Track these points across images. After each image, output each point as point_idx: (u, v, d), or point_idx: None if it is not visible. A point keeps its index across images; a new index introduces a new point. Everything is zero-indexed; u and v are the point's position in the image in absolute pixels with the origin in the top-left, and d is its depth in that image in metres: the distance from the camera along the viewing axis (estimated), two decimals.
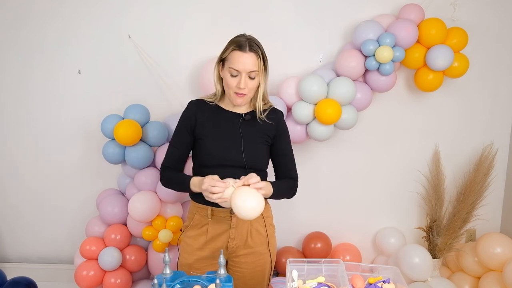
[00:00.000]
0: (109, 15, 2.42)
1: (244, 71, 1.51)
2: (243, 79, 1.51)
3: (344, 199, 2.64)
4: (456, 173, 2.57)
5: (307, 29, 2.42)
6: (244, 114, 1.63)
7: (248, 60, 1.50)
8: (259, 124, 1.63)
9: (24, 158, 2.63)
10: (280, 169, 1.69)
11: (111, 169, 2.52)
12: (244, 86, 1.52)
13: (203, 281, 1.30)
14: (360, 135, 2.53)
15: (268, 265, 1.69)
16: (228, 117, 1.63)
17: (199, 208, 1.64)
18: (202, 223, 1.64)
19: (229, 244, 1.63)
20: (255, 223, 1.64)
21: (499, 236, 2.40)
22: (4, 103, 2.57)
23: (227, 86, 1.57)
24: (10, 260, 2.77)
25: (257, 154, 1.61)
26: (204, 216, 1.63)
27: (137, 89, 2.48)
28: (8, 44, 2.49)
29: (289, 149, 1.70)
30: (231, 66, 1.52)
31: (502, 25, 2.43)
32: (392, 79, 2.26)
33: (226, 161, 1.58)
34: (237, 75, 1.52)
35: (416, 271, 2.31)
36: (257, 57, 1.52)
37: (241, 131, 1.60)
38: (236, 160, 1.57)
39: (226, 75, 1.55)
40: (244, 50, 1.50)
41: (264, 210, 1.64)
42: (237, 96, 1.55)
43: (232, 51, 1.52)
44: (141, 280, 2.45)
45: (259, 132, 1.62)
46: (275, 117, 1.65)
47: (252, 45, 1.51)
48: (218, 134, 1.60)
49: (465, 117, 2.55)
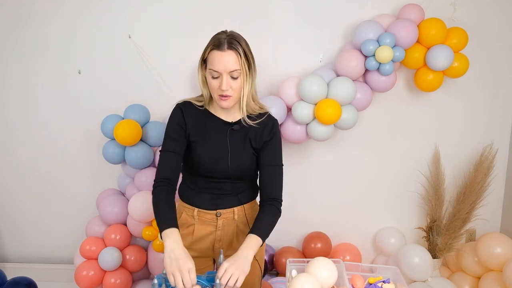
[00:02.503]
0: (109, 15, 2.42)
1: (224, 71, 1.40)
2: (225, 80, 1.40)
3: (344, 199, 2.64)
4: (456, 173, 2.57)
5: (307, 29, 2.42)
6: (233, 122, 1.54)
7: (228, 59, 1.39)
8: (248, 131, 1.53)
9: (24, 158, 2.63)
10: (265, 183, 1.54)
11: (111, 169, 2.52)
12: (226, 88, 1.41)
13: (203, 281, 1.30)
14: (360, 135, 2.53)
15: (256, 267, 1.61)
16: (217, 125, 1.53)
17: (186, 208, 1.62)
18: (189, 223, 1.61)
19: (215, 245, 1.62)
20: (241, 225, 1.62)
21: (499, 236, 2.40)
22: (4, 103, 2.57)
23: (211, 89, 1.46)
24: (10, 260, 2.77)
25: (245, 166, 1.54)
26: (191, 216, 1.60)
27: (137, 89, 2.48)
28: (8, 44, 2.49)
29: (277, 162, 1.55)
30: (210, 68, 1.42)
31: (502, 25, 2.43)
32: (392, 79, 2.26)
33: (213, 173, 1.53)
34: (218, 76, 1.42)
35: (416, 271, 2.31)
36: (236, 54, 1.40)
37: (228, 143, 1.52)
38: (223, 172, 1.53)
39: (208, 77, 1.45)
40: (222, 49, 1.39)
41: (249, 213, 1.63)
42: (221, 99, 1.44)
43: (211, 51, 1.42)
44: (141, 280, 2.45)
45: (247, 140, 1.53)
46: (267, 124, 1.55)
47: (231, 42, 1.40)
48: (207, 144, 1.52)
49: (465, 117, 2.54)
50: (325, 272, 1.36)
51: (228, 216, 1.59)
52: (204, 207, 1.58)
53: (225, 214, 1.59)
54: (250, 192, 1.64)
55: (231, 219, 1.60)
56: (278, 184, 1.56)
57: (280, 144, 1.58)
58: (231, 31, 1.47)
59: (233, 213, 1.60)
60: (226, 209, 1.59)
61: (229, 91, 1.43)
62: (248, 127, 1.54)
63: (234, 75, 1.42)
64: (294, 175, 2.55)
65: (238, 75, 1.42)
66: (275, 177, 1.55)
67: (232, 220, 1.61)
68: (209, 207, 1.58)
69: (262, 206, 1.53)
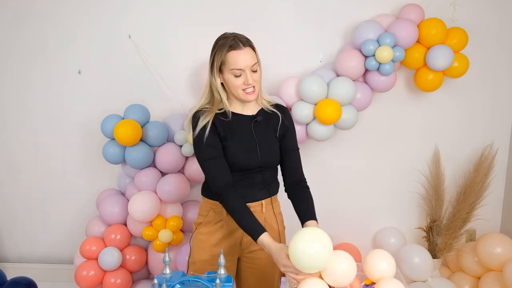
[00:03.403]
0: (109, 15, 2.43)
1: (247, 67, 1.49)
2: (249, 75, 1.50)
3: (344, 199, 2.64)
4: (456, 173, 2.57)
5: (307, 29, 2.42)
6: (255, 115, 1.62)
7: (247, 56, 1.49)
8: (269, 121, 1.63)
9: (24, 158, 2.63)
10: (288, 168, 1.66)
11: (111, 169, 2.52)
12: (251, 82, 1.51)
13: (203, 281, 1.30)
14: (360, 135, 2.53)
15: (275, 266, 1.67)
16: (241, 121, 1.60)
17: (214, 205, 1.64)
18: (217, 219, 1.64)
19: (244, 239, 1.64)
20: (268, 219, 1.66)
21: (499, 236, 2.40)
22: (4, 103, 2.57)
23: (234, 87, 1.53)
24: (10, 260, 2.77)
25: (273, 154, 1.62)
26: (219, 213, 1.63)
27: (137, 89, 2.48)
28: (8, 44, 2.49)
29: (296, 146, 1.69)
30: (233, 68, 1.50)
31: (502, 25, 2.43)
32: (392, 79, 2.26)
33: (248, 166, 1.58)
34: (240, 74, 1.50)
35: (416, 271, 2.31)
36: (251, 49, 1.52)
37: (255, 135, 1.59)
38: (255, 164, 1.58)
39: (229, 78, 1.53)
40: (239, 48, 1.49)
41: (275, 207, 1.70)
42: (247, 93, 1.54)
43: (228, 53, 1.49)
44: (141, 280, 2.45)
45: (270, 128, 1.63)
46: (283, 111, 1.66)
47: (242, 40, 1.50)
48: (236, 141, 1.58)
49: (465, 117, 2.54)
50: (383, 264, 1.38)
51: (257, 209, 1.62)
52: None
53: (254, 208, 1.61)
54: (276, 183, 1.70)
55: (259, 213, 1.63)
56: (301, 167, 1.69)
57: (294, 129, 1.71)
58: (231, 32, 1.55)
59: (261, 206, 1.63)
60: (255, 202, 1.62)
61: (254, 83, 1.53)
62: (267, 118, 1.63)
63: (254, 69, 1.52)
64: None
65: (257, 68, 1.54)
66: (298, 160, 1.68)
67: (260, 214, 1.63)
68: None
69: (297, 190, 1.64)
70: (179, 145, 2.31)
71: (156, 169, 2.34)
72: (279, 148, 1.65)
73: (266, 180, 1.63)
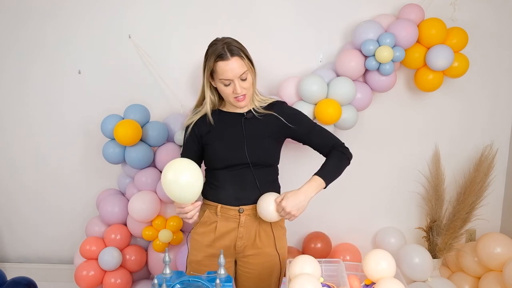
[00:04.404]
0: (109, 15, 2.42)
1: (235, 77, 1.52)
2: (237, 84, 1.53)
3: (344, 199, 2.63)
4: (456, 173, 2.57)
5: (307, 29, 2.42)
6: (245, 113, 1.65)
7: (234, 65, 1.51)
8: (266, 121, 1.65)
9: (24, 158, 2.63)
10: (318, 146, 1.70)
11: (111, 169, 2.52)
12: (240, 91, 1.54)
13: (203, 281, 1.30)
14: (360, 135, 2.53)
15: (277, 267, 1.69)
16: (231, 119, 1.65)
17: (209, 205, 1.65)
18: (211, 220, 1.65)
19: (237, 243, 1.64)
20: (263, 223, 1.65)
21: (499, 236, 2.40)
22: (4, 103, 2.57)
23: (225, 95, 1.59)
24: (10, 260, 2.77)
25: (262, 150, 1.62)
26: (213, 213, 1.64)
27: (137, 89, 2.48)
28: (8, 44, 2.49)
29: (311, 125, 1.70)
30: (221, 78, 1.53)
31: (502, 25, 2.43)
32: (392, 79, 2.26)
33: (231, 161, 1.60)
34: (229, 83, 1.54)
35: (416, 271, 2.31)
36: (240, 58, 1.52)
37: (243, 130, 1.61)
38: (240, 158, 1.59)
39: (219, 86, 1.58)
40: (226, 58, 1.50)
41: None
42: (238, 100, 1.57)
43: (215, 63, 1.52)
44: (141, 280, 2.45)
45: (263, 127, 1.63)
46: (274, 109, 1.66)
47: (231, 49, 1.51)
48: (223, 136, 1.62)
49: (465, 117, 2.54)
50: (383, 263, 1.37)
51: (251, 212, 1.63)
52: (228, 203, 1.62)
53: (248, 211, 1.62)
54: (274, 185, 1.71)
55: (253, 216, 1.64)
56: (329, 136, 1.71)
57: (299, 112, 1.72)
58: (223, 37, 1.57)
59: (255, 209, 1.63)
60: (249, 205, 1.63)
61: (244, 91, 1.56)
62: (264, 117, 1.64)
63: (243, 77, 1.54)
64: (294, 175, 2.53)
65: (247, 76, 1.55)
66: (322, 133, 1.70)
67: (254, 217, 1.64)
68: (233, 202, 1.62)
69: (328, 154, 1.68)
70: (179, 145, 2.31)
71: (156, 169, 2.34)
72: (274, 147, 1.66)
73: (259, 179, 1.63)
